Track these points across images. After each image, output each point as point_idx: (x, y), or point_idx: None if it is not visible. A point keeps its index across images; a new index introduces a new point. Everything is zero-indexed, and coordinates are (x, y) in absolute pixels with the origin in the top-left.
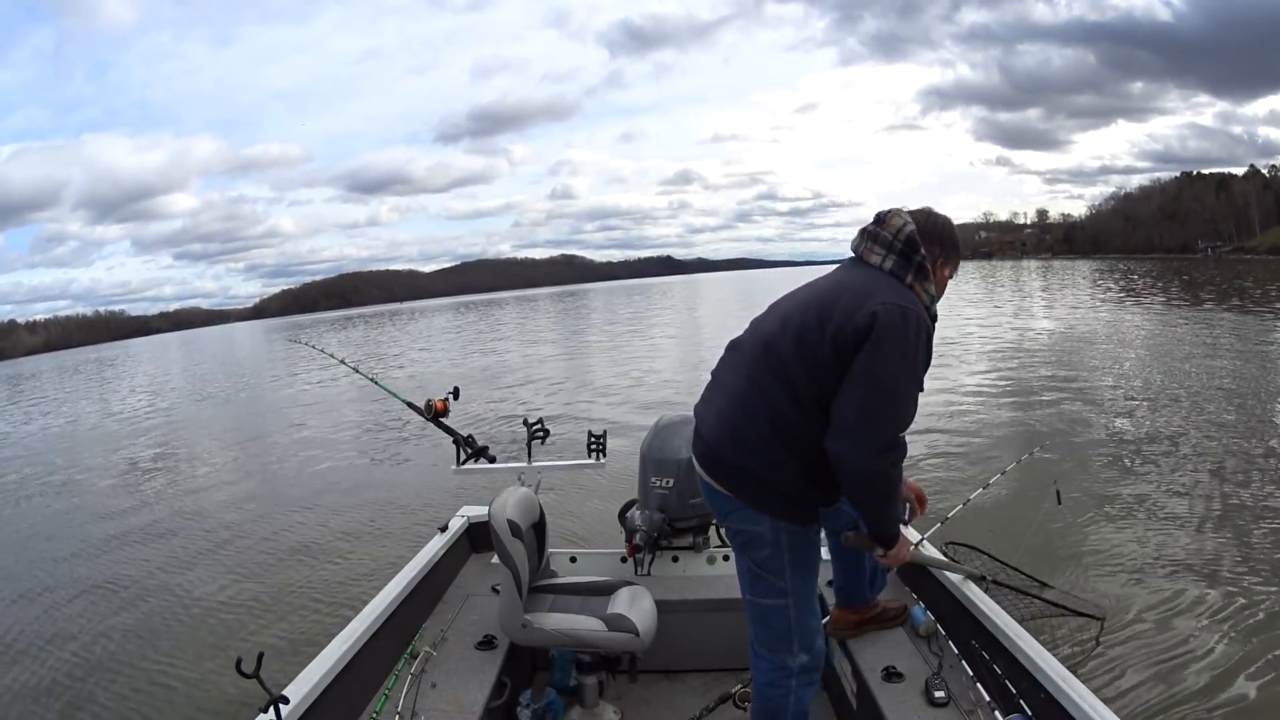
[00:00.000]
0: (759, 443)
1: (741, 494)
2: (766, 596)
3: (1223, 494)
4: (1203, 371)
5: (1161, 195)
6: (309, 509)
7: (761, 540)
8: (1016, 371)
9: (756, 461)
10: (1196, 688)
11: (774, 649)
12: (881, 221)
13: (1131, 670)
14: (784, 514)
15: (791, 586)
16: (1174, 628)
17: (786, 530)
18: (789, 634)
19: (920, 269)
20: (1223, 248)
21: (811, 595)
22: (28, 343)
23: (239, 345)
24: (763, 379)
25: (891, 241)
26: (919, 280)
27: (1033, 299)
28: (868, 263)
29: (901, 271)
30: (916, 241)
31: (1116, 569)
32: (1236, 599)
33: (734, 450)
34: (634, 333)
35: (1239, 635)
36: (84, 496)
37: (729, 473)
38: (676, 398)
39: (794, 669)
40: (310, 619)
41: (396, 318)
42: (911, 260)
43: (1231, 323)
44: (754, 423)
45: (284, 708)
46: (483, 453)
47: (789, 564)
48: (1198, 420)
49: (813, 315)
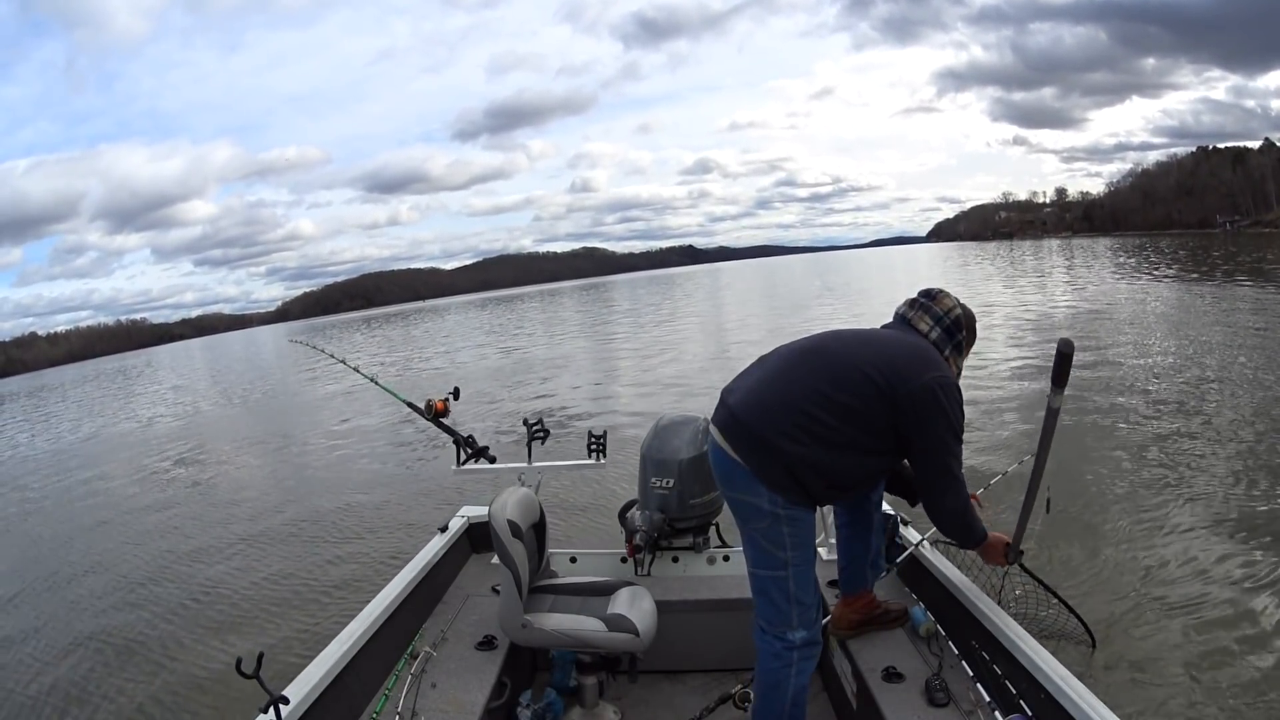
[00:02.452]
0: (784, 423)
1: (752, 461)
2: (767, 568)
3: (1238, 495)
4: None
5: (1179, 171)
6: (309, 509)
7: (761, 512)
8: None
9: (775, 437)
10: (1197, 687)
11: (774, 623)
12: (933, 298)
13: (1132, 670)
14: (783, 490)
15: (791, 558)
16: (1173, 628)
17: (784, 505)
18: (788, 606)
19: (958, 346)
20: (1241, 222)
21: (809, 572)
22: (49, 354)
23: (258, 349)
24: (804, 375)
25: (941, 317)
26: (954, 355)
27: (1052, 277)
28: (916, 328)
29: (943, 345)
30: (962, 323)
31: (1122, 572)
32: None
33: (757, 419)
34: (658, 325)
35: (1239, 635)
36: (86, 499)
37: (744, 438)
38: (682, 398)
39: (795, 643)
40: (310, 619)
41: (413, 316)
42: (954, 337)
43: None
44: (784, 407)
45: (284, 708)
46: (483, 453)
47: (788, 536)
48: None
49: (869, 353)
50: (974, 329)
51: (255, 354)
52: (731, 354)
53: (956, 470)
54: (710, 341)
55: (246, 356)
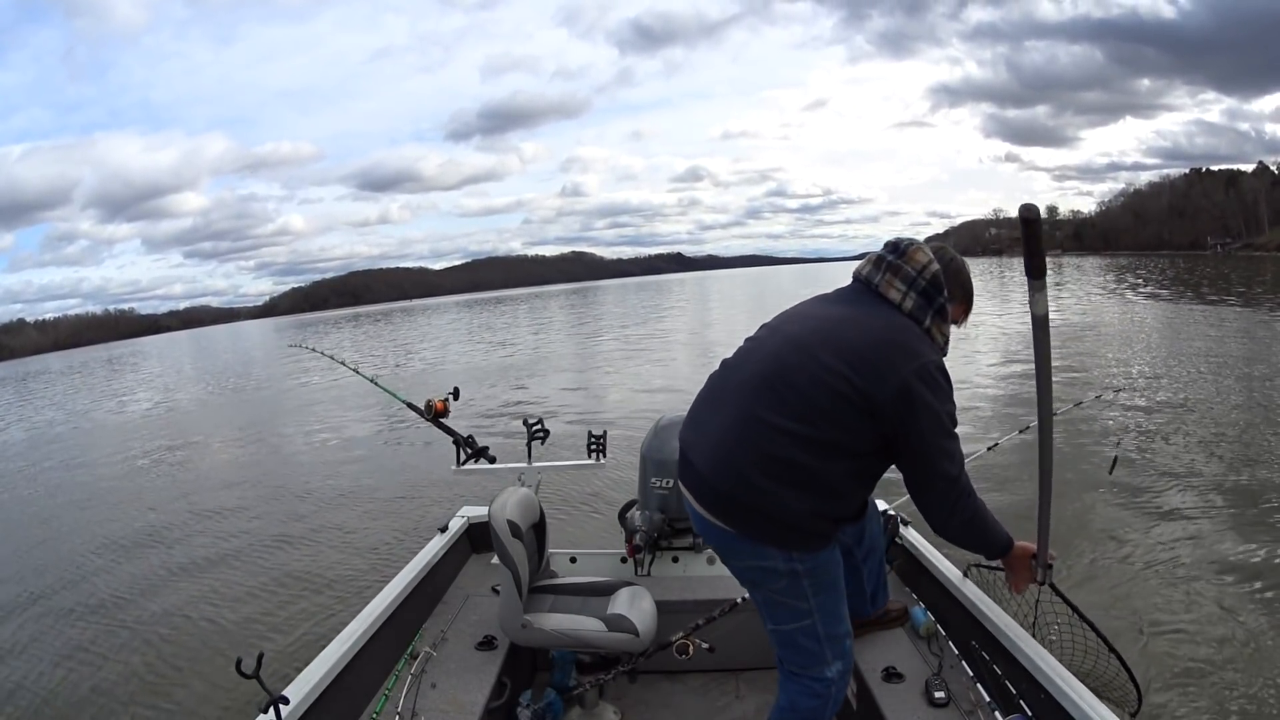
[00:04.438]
0: (764, 482)
1: (746, 530)
2: (790, 622)
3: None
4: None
5: (1171, 192)
6: (309, 509)
7: (776, 573)
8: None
9: (762, 499)
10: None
11: (806, 666)
12: (902, 254)
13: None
14: (796, 545)
15: (816, 605)
16: (1174, 630)
17: (800, 560)
18: (820, 648)
19: (940, 311)
20: (1232, 245)
21: (837, 604)
22: (36, 341)
23: (248, 347)
24: (769, 416)
25: (915, 278)
26: (937, 323)
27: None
28: (885, 297)
29: (921, 314)
30: (941, 283)
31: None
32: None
33: (735, 485)
34: (645, 333)
35: (1241, 635)
36: (82, 497)
37: (730, 509)
38: (679, 399)
39: (833, 678)
40: (310, 619)
41: (399, 316)
42: (933, 302)
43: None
44: (758, 461)
45: (284, 708)
46: (483, 453)
47: (809, 588)
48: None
49: (835, 360)
50: (965, 282)
51: (245, 350)
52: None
53: (956, 470)
54: (706, 345)
55: (237, 352)
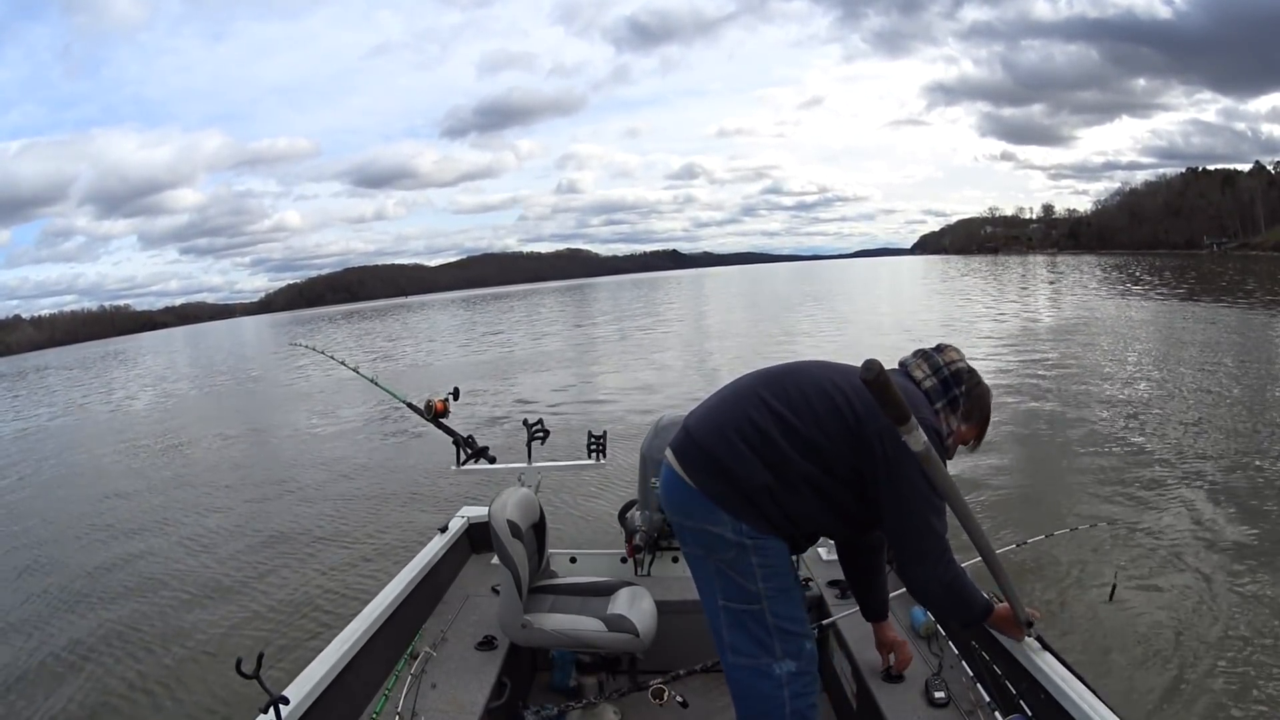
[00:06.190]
0: (737, 442)
1: (707, 487)
2: (739, 600)
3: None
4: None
5: (1167, 191)
6: (309, 510)
7: (725, 541)
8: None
9: (730, 459)
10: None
11: (752, 653)
12: (939, 349)
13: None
14: (746, 517)
15: (764, 590)
16: (1173, 630)
17: (749, 535)
18: (769, 639)
19: (954, 402)
20: (1228, 244)
21: (791, 601)
22: (32, 338)
23: (245, 344)
24: (765, 396)
25: (940, 367)
26: (947, 412)
27: (1036, 295)
28: (909, 375)
29: (936, 396)
30: (963, 378)
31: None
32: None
33: (712, 440)
34: (643, 332)
35: (1241, 635)
36: (84, 491)
37: (699, 462)
38: (678, 398)
39: (781, 677)
40: (310, 619)
41: (397, 312)
42: (949, 391)
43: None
44: (739, 424)
45: (284, 708)
46: (483, 453)
47: (758, 568)
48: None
49: (844, 385)
50: (984, 407)
51: (242, 348)
52: (729, 354)
53: (940, 528)
54: (705, 343)
55: (234, 350)
